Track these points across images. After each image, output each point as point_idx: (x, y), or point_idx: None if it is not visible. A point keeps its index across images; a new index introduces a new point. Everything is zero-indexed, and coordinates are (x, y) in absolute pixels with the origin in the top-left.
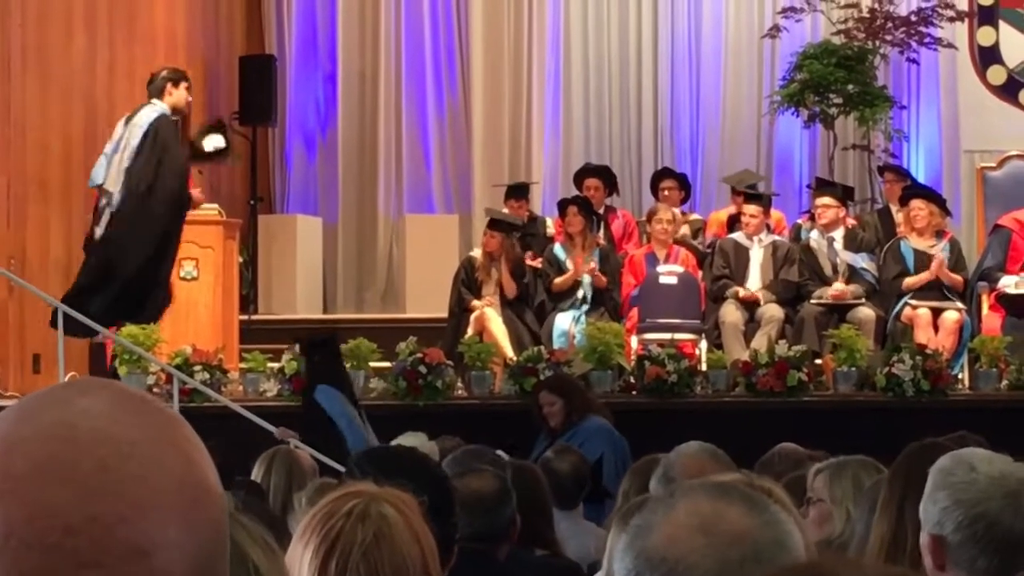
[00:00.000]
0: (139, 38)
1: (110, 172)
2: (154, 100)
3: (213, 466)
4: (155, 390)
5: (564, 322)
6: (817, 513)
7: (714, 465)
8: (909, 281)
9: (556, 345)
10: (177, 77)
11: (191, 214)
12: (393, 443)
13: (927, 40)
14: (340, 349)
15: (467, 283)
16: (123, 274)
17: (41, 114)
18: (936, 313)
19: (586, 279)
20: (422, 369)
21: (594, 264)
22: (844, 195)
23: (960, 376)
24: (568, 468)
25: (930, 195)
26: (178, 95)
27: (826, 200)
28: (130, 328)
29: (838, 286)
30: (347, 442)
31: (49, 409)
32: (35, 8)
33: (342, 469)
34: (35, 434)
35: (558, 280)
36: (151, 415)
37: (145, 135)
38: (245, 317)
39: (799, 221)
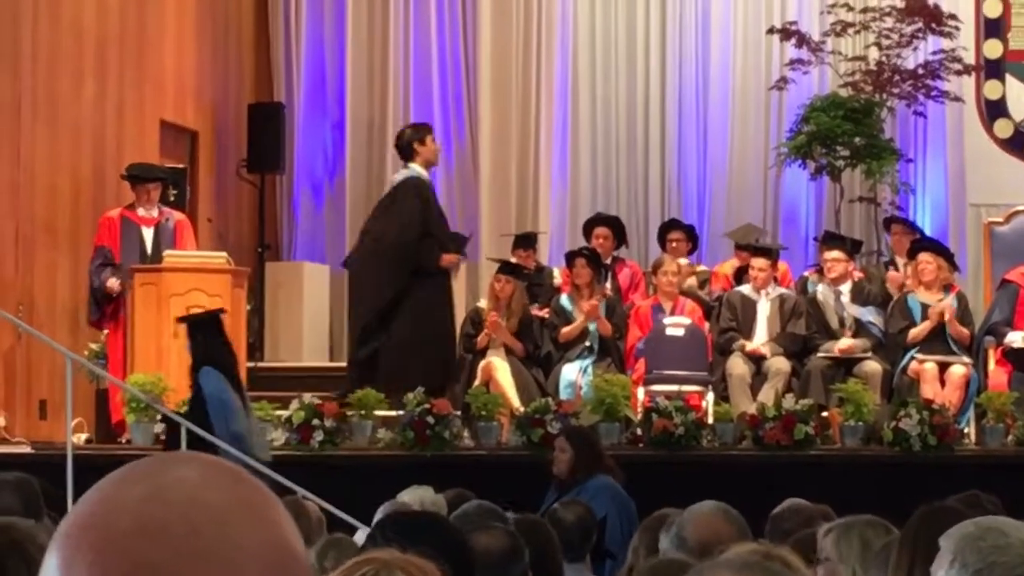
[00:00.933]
0: (149, 83)
1: None
2: (409, 165)
3: (299, 534)
4: (162, 438)
5: (571, 372)
6: (826, 573)
7: (726, 526)
8: (914, 332)
9: (563, 395)
10: (421, 134)
11: (198, 260)
12: (400, 496)
13: (934, 93)
14: (224, 328)
15: (473, 334)
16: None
17: (50, 158)
18: (943, 367)
19: (593, 328)
20: (430, 419)
21: (597, 300)
22: (852, 249)
23: (967, 431)
24: (574, 519)
25: (938, 249)
26: (426, 150)
27: (835, 254)
28: (138, 376)
29: (846, 341)
30: (214, 427)
31: (148, 476)
32: (46, 52)
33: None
34: (135, 497)
35: (565, 329)
36: (240, 485)
37: (387, 194)
38: (252, 365)
39: (806, 274)
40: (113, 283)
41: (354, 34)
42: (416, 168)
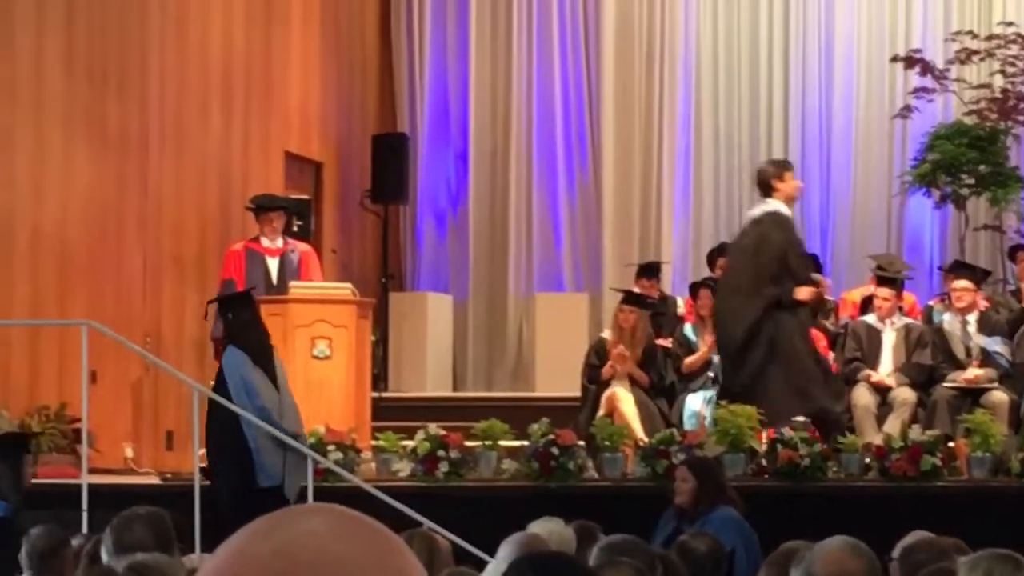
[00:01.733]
0: (274, 115)
1: None
2: (768, 200)
3: None
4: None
5: (695, 403)
6: None
7: (856, 561)
8: None
9: (687, 426)
10: (780, 171)
11: (323, 291)
12: (530, 528)
13: None
14: (255, 306)
15: (598, 365)
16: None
17: (177, 191)
18: None
19: (716, 359)
20: (554, 451)
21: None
22: (980, 278)
23: None
24: (705, 551)
25: None
26: (785, 186)
27: (963, 283)
28: None
29: (972, 371)
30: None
31: (277, 529)
32: (173, 87)
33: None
34: (266, 552)
35: (688, 360)
36: (368, 535)
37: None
38: (376, 395)
39: (931, 303)
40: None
41: (477, 65)
42: (775, 203)
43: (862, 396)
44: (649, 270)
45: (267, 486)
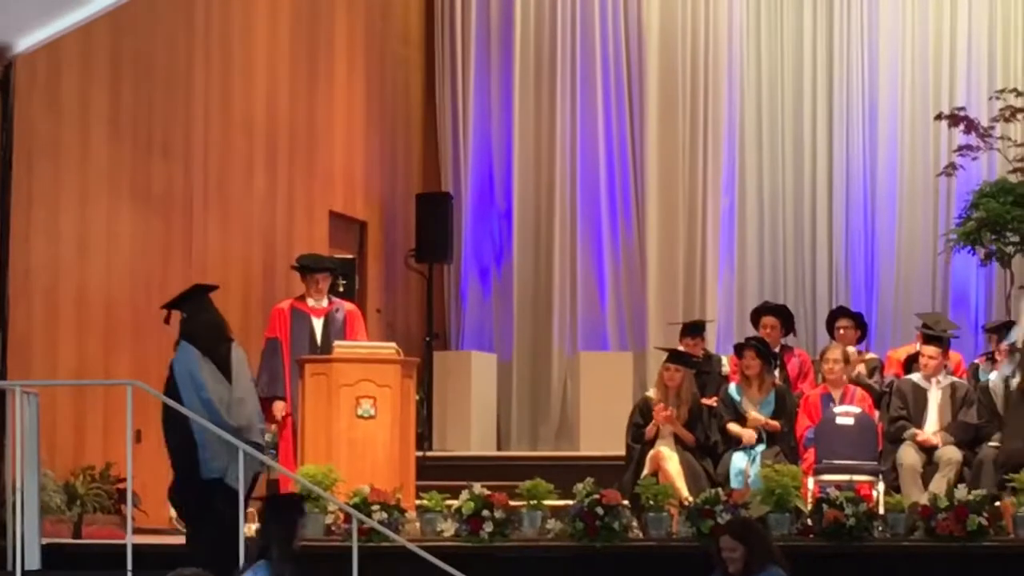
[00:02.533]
0: (318, 177)
1: None
2: None
3: None
4: (333, 530)
5: (740, 461)
6: None
7: None
8: None
9: (733, 484)
10: None
11: (368, 351)
12: None
13: None
14: (210, 304)
15: (642, 424)
16: None
17: (221, 253)
18: None
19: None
20: (599, 511)
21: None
22: None
23: None
24: None
25: None
26: None
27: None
28: (308, 467)
29: None
30: (183, 399)
31: None
32: (217, 149)
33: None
34: None
35: (732, 428)
36: None
37: None
38: (420, 454)
39: (976, 361)
40: (279, 407)
41: (521, 125)
42: None
43: (908, 455)
44: (693, 329)
45: (209, 478)
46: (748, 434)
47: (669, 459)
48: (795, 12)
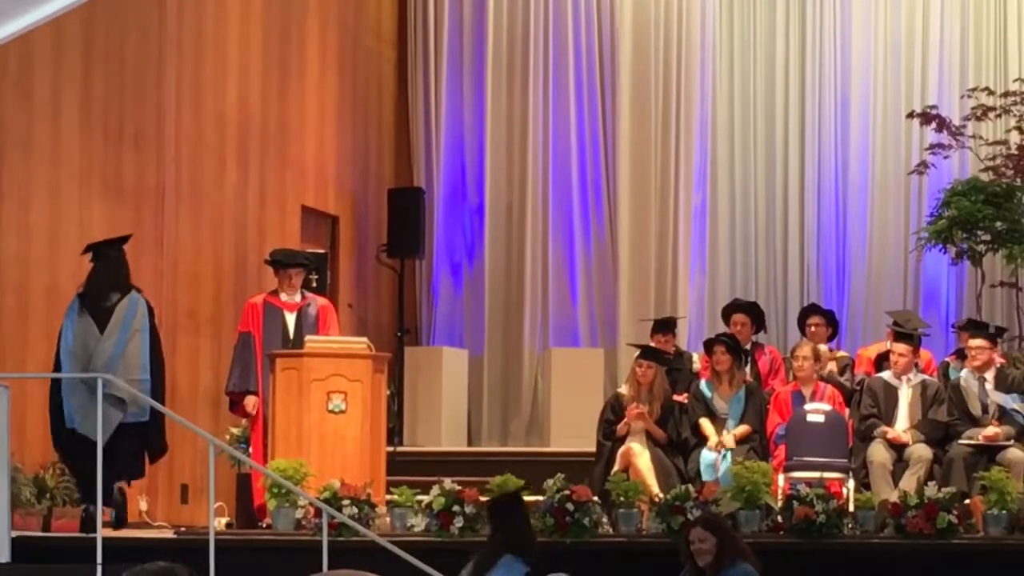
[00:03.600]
0: (290, 170)
1: None
2: None
3: None
4: (303, 524)
5: (710, 455)
6: None
7: None
8: None
9: (705, 477)
10: None
11: (339, 346)
12: None
13: None
14: (119, 252)
15: (613, 420)
16: None
17: (193, 245)
18: None
19: (731, 417)
20: (569, 506)
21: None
22: (996, 335)
23: None
24: None
25: None
26: None
27: (979, 342)
28: (278, 461)
29: (991, 428)
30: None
31: None
32: (189, 141)
33: None
34: None
35: (704, 425)
36: None
37: None
38: (391, 449)
39: (947, 360)
40: (250, 402)
41: (493, 120)
42: None
43: (878, 453)
44: (665, 325)
45: (71, 427)
46: (715, 442)
47: (640, 455)
48: (768, 10)
